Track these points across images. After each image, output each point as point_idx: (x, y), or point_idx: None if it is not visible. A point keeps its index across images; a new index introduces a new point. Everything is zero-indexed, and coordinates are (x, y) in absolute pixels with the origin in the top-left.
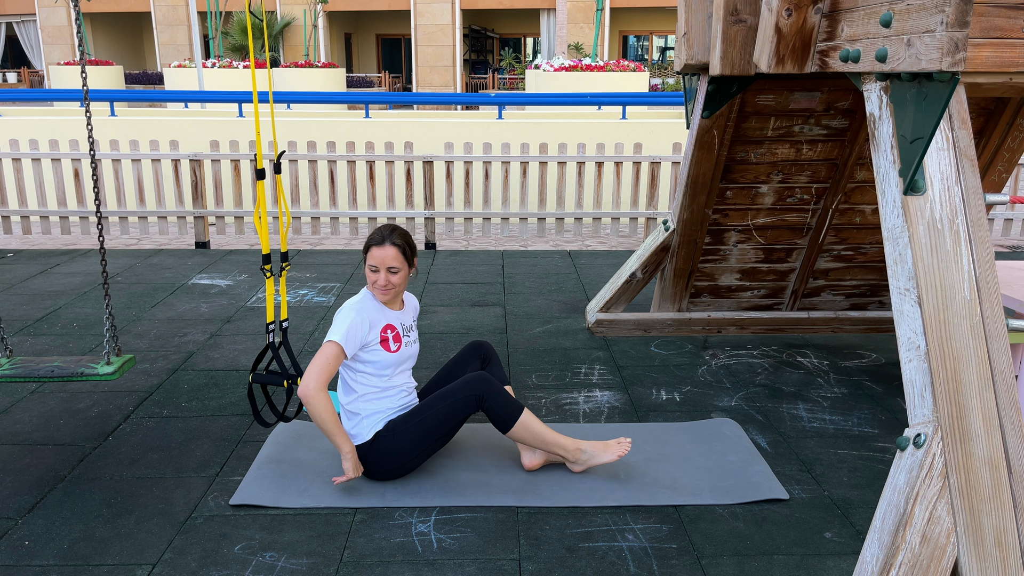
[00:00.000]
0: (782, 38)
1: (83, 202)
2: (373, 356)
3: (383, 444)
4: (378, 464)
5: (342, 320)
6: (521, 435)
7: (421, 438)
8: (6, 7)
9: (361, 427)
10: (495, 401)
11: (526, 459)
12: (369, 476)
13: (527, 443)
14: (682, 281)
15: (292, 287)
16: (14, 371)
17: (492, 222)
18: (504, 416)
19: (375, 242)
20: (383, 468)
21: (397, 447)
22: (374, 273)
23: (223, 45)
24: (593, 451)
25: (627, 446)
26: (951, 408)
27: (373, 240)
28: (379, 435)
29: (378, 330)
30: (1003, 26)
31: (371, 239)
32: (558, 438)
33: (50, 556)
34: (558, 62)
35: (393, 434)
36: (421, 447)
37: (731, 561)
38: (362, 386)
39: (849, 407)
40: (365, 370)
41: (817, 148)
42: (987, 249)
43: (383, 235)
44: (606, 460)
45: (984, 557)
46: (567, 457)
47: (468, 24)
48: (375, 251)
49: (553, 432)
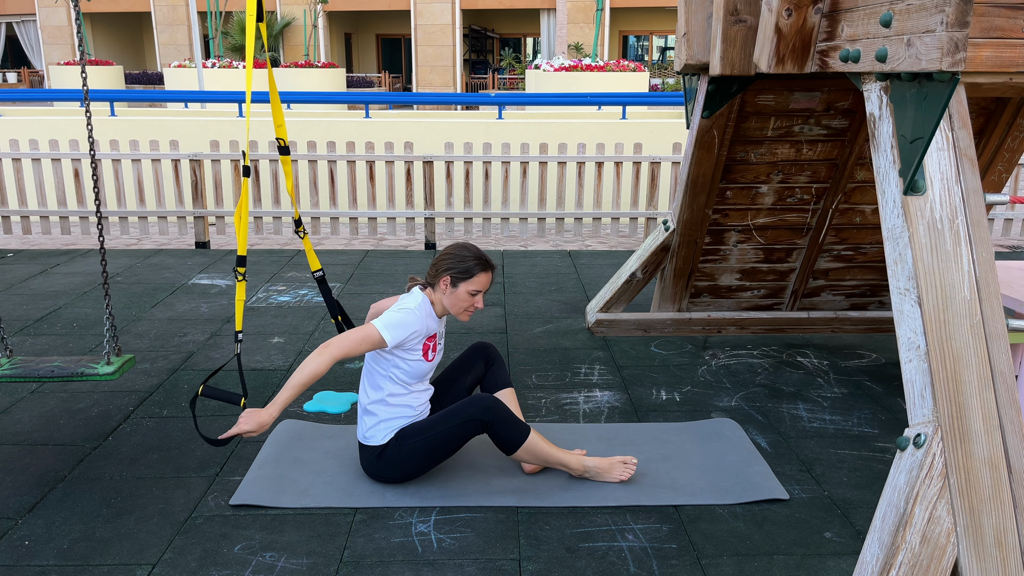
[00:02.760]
0: (782, 38)
1: (83, 202)
2: (412, 361)
3: (391, 452)
4: (385, 469)
5: (400, 317)
6: (525, 458)
7: (426, 453)
8: (6, 7)
9: (377, 430)
10: (500, 427)
11: (526, 464)
12: (374, 477)
13: (531, 463)
14: (682, 281)
15: (292, 287)
16: (14, 371)
17: (492, 222)
18: (508, 442)
19: (483, 267)
20: (388, 473)
21: (403, 457)
22: (472, 297)
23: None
24: (598, 471)
25: (632, 468)
26: (951, 408)
27: (479, 264)
28: (390, 443)
29: (424, 339)
30: (1003, 26)
31: (475, 262)
32: (562, 458)
33: (50, 556)
34: (558, 62)
35: (400, 445)
36: (425, 461)
37: (731, 561)
38: (392, 384)
39: (849, 407)
40: (398, 373)
41: (817, 148)
42: (987, 249)
43: (488, 259)
44: (609, 481)
45: (984, 557)
46: (571, 474)
47: (468, 24)
48: (482, 276)
49: (557, 451)
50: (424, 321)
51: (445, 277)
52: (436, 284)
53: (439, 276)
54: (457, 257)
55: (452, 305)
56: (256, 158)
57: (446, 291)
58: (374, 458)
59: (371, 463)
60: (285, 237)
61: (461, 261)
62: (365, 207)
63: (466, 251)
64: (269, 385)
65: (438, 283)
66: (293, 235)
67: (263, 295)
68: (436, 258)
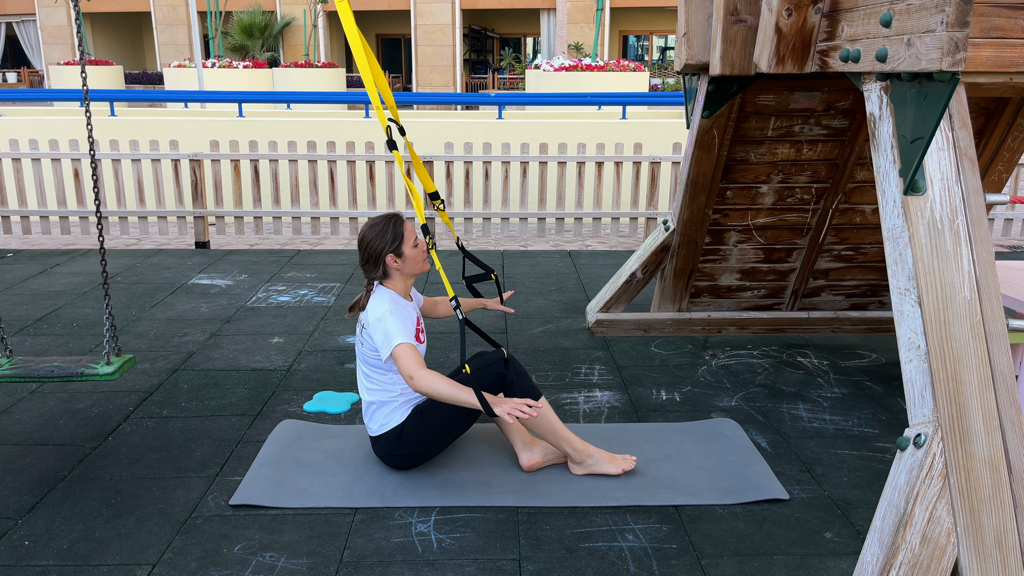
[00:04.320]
0: (782, 38)
1: (83, 202)
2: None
3: (412, 427)
4: (408, 447)
5: (391, 324)
6: (534, 423)
7: (448, 417)
8: (6, 7)
9: (391, 415)
10: (518, 379)
11: (524, 459)
12: (396, 465)
13: (537, 431)
14: (682, 281)
15: (292, 287)
16: (14, 371)
17: (492, 222)
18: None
19: (399, 221)
20: (413, 450)
21: (427, 427)
22: (416, 248)
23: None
24: (600, 459)
25: (632, 463)
26: (951, 408)
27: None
28: (409, 419)
29: (413, 323)
30: (1003, 26)
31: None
32: (568, 434)
33: (50, 556)
34: (558, 62)
35: (423, 416)
36: (451, 426)
37: (731, 561)
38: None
39: (849, 407)
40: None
41: (817, 148)
42: (987, 249)
43: (394, 214)
44: (609, 471)
45: (984, 557)
46: (572, 456)
47: (468, 24)
48: (407, 226)
49: (565, 427)
50: (402, 310)
51: (388, 256)
52: (383, 270)
53: (381, 260)
54: (379, 233)
55: (411, 268)
56: (256, 158)
57: (398, 264)
58: (395, 440)
59: (391, 448)
60: (285, 237)
61: (384, 233)
62: (365, 207)
63: (377, 224)
64: (269, 385)
65: (386, 266)
66: (293, 235)
67: (263, 295)
68: (363, 253)
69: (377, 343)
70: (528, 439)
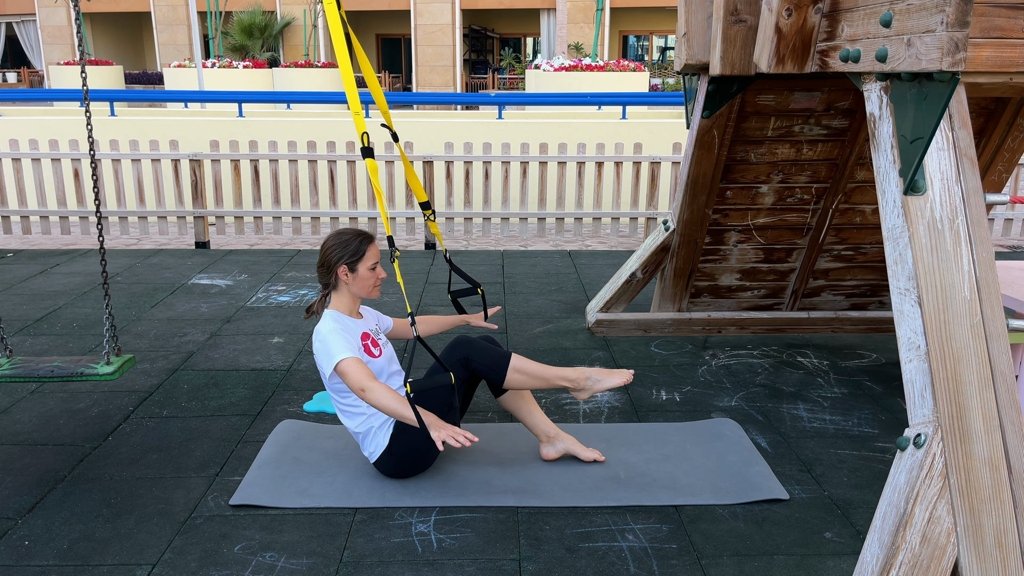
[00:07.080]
0: (782, 38)
1: (83, 202)
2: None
3: (399, 444)
4: (404, 461)
5: (332, 341)
6: (519, 381)
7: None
8: (6, 7)
9: (375, 439)
10: (481, 357)
11: (545, 451)
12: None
13: (528, 387)
14: (682, 281)
15: (292, 287)
16: (14, 371)
17: (492, 222)
18: (493, 367)
19: (368, 239)
20: (410, 463)
21: (416, 441)
22: (373, 272)
23: (223, 45)
24: (599, 375)
25: (630, 375)
26: (951, 408)
27: (363, 240)
28: (392, 439)
29: (358, 340)
30: (1003, 26)
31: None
32: (558, 370)
33: (50, 556)
34: (558, 62)
35: (406, 432)
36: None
37: (731, 561)
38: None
39: (849, 407)
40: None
41: (817, 148)
42: (987, 249)
43: (366, 232)
44: (613, 383)
45: (984, 557)
46: (572, 386)
47: (468, 24)
48: (372, 248)
49: (550, 367)
50: (344, 329)
51: (341, 267)
52: (334, 281)
53: (334, 269)
54: (341, 243)
55: (360, 288)
56: (256, 158)
57: (348, 279)
58: (388, 461)
59: (388, 468)
60: (285, 237)
61: (347, 245)
62: (365, 207)
63: (344, 235)
64: (268, 385)
65: (337, 278)
66: (293, 235)
67: (263, 295)
68: (321, 257)
69: (321, 363)
70: (552, 433)
